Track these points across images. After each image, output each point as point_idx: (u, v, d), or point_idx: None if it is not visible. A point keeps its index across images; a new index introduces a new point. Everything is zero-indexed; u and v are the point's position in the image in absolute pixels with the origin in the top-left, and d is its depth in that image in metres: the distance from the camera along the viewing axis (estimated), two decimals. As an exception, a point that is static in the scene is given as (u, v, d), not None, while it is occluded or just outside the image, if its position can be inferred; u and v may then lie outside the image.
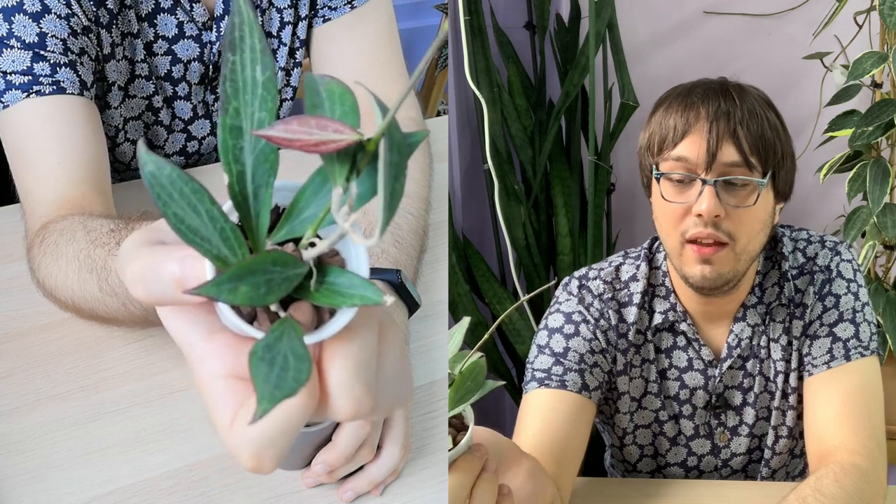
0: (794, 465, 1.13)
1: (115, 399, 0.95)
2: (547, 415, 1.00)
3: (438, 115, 2.52)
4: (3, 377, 0.96)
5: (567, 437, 0.97)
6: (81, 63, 1.02)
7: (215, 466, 0.91)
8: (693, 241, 0.97)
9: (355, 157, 0.41)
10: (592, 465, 1.37)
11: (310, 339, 0.42)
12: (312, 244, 0.43)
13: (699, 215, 0.96)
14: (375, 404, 0.45)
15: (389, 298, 0.41)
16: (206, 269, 0.43)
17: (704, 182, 0.96)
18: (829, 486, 0.91)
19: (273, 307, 0.42)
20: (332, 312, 0.43)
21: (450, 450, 0.66)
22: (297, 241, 0.43)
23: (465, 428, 0.67)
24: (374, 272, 0.99)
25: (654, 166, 1.00)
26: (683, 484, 1.08)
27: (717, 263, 0.97)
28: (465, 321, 0.68)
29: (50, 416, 0.93)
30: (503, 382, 0.71)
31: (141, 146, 0.41)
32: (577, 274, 1.08)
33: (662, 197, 0.99)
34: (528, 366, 1.04)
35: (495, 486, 0.68)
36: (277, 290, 0.40)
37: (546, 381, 1.01)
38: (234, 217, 0.43)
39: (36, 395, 0.95)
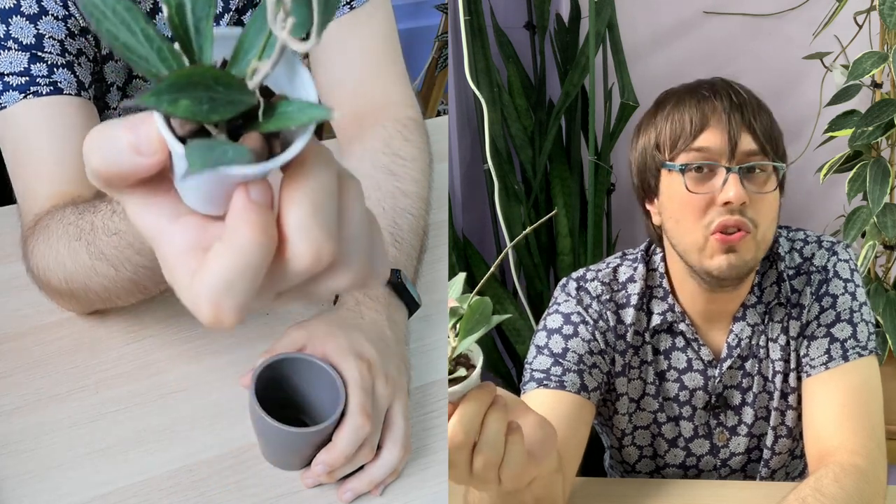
0: (794, 466, 1.13)
1: (115, 399, 0.95)
2: (545, 415, 1.00)
3: (438, 115, 2.52)
4: (3, 377, 0.96)
5: (565, 437, 0.97)
6: (79, 64, 1.02)
7: (215, 466, 0.91)
8: (717, 232, 0.97)
9: None
10: (592, 466, 1.37)
11: (263, 167, 0.41)
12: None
13: (726, 203, 0.96)
14: (339, 255, 0.45)
15: (338, 113, 0.41)
16: (157, 127, 0.42)
17: (729, 170, 0.97)
18: (828, 487, 0.91)
19: (221, 139, 0.42)
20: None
21: (460, 380, 0.65)
22: None
23: (473, 367, 0.67)
24: None
25: (667, 162, 1.00)
26: (682, 484, 1.08)
27: (742, 251, 0.97)
28: (462, 275, 0.69)
29: (50, 416, 0.93)
30: (509, 315, 0.71)
31: None
32: (574, 275, 1.08)
33: (687, 188, 0.98)
34: (526, 366, 1.04)
35: (506, 417, 0.68)
36: (222, 110, 0.40)
37: (545, 382, 1.01)
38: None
39: (36, 395, 0.95)
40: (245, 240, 0.42)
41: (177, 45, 0.42)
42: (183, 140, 0.42)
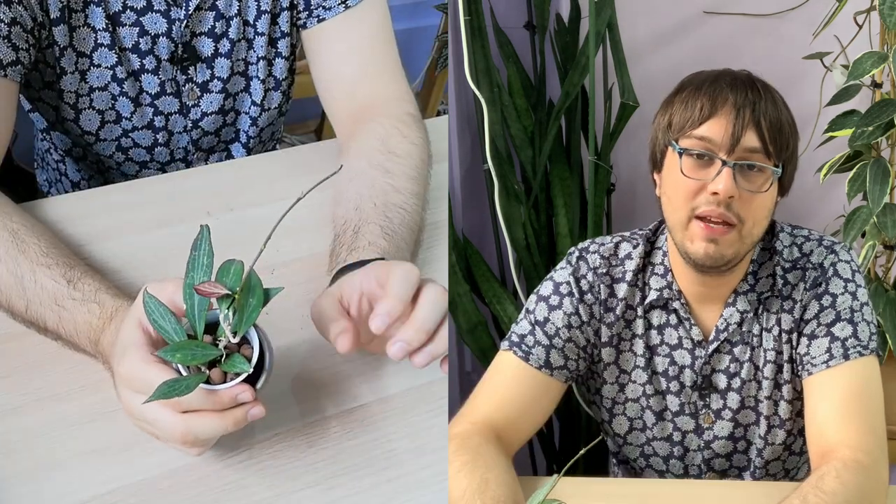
0: (792, 462, 1.13)
1: (115, 399, 0.95)
2: (507, 384, 1.06)
3: (438, 115, 2.52)
4: (3, 377, 0.96)
5: (521, 411, 1.04)
6: (6, 37, 1.03)
7: (214, 466, 0.91)
8: (702, 218, 1.00)
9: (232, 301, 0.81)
10: (593, 466, 1.37)
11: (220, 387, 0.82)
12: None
13: (714, 193, 0.99)
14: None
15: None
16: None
17: (724, 163, 0.99)
18: (830, 483, 0.91)
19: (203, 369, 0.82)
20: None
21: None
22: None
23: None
24: (357, 264, 0.99)
25: (673, 142, 1.03)
26: (682, 484, 1.08)
27: (722, 244, 1.00)
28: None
29: (50, 416, 0.93)
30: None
31: None
32: (580, 245, 1.13)
33: (682, 172, 1.01)
34: (513, 325, 1.10)
35: None
36: (197, 357, 0.80)
37: (514, 348, 1.07)
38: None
39: (36, 395, 0.95)
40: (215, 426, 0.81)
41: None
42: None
